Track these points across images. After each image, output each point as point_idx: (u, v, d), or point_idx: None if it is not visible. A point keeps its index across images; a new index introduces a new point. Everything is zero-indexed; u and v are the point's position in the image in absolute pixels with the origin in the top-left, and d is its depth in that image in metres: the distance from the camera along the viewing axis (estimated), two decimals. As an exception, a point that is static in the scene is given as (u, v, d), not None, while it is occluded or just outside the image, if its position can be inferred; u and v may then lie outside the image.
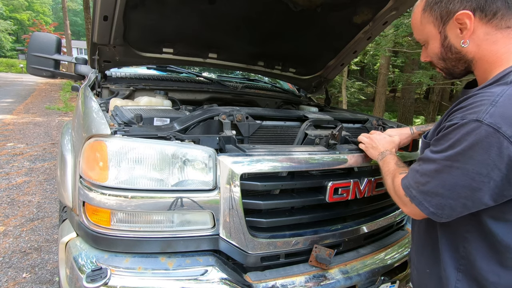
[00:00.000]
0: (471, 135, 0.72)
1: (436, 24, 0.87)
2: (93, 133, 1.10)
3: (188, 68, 2.64)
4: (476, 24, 0.81)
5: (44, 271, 2.18)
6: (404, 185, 0.88)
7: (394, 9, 1.89)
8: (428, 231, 0.97)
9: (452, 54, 0.87)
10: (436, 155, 0.80)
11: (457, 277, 0.86)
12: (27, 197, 3.34)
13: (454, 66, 0.91)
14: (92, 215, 1.08)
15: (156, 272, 1.07)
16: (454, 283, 0.86)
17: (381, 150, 1.22)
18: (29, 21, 39.87)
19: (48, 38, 1.97)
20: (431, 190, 0.80)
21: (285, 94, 2.83)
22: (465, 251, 0.84)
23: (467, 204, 0.76)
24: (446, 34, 0.86)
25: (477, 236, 0.82)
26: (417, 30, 0.93)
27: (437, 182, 0.79)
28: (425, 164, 0.83)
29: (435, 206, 0.80)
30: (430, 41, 0.91)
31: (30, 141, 5.62)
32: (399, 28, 5.83)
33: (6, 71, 27.27)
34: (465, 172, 0.73)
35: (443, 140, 0.79)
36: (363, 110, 12.64)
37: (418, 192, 0.83)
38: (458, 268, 0.86)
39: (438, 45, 0.89)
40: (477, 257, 0.82)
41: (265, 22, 1.98)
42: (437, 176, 0.79)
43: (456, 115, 0.78)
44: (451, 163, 0.75)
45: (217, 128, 1.33)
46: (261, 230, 1.20)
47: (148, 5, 1.67)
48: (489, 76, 0.83)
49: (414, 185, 0.85)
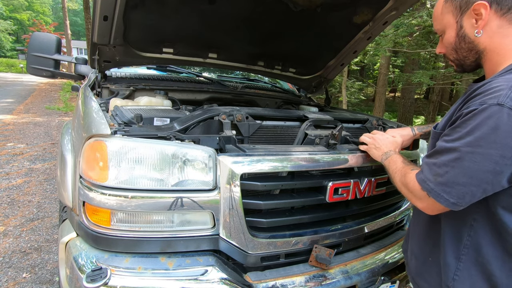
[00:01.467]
0: (492, 119, 0.73)
1: (454, 14, 0.90)
2: (93, 133, 1.10)
3: (188, 68, 2.64)
4: (491, 16, 0.84)
5: (44, 271, 2.18)
6: (420, 179, 0.87)
7: (394, 9, 1.89)
8: (432, 221, 0.98)
9: (465, 44, 0.90)
10: (455, 143, 0.79)
11: (457, 266, 0.88)
12: (27, 197, 3.34)
13: (465, 57, 0.93)
14: (92, 215, 1.08)
15: (156, 272, 1.07)
16: (454, 271, 0.89)
17: (384, 150, 1.22)
18: (29, 21, 39.88)
19: (48, 38, 1.97)
20: (451, 180, 0.79)
21: (285, 94, 2.83)
22: (470, 239, 0.86)
23: (487, 189, 0.77)
24: (462, 24, 0.89)
25: (483, 224, 0.83)
26: (437, 20, 0.96)
27: (458, 171, 0.78)
28: (442, 155, 0.82)
29: (456, 196, 0.79)
30: (447, 30, 0.94)
31: (30, 141, 5.62)
32: (399, 28, 5.83)
33: (6, 71, 27.27)
34: (489, 157, 0.73)
35: (461, 127, 0.79)
36: (363, 110, 12.65)
37: (436, 185, 0.82)
38: (459, 258, 0.88)
39: (453, 34, 0.92)
40: (483, 244, 0.83)
41: (265, 22, 1.98)
42: (457, 164, 0.78)
43: (474, 102, 0.79)
44: (473, 149, 0.75)
45: (217, 128, 1.33)
46: (261, 230, 1.20)
47: (148, 5, 1.67)
48: (498, 68, 0.86)
49: (431, 178, 0.84)
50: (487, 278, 0.85)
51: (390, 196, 1.57)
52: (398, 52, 7.93)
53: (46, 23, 36.09)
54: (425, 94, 18.93)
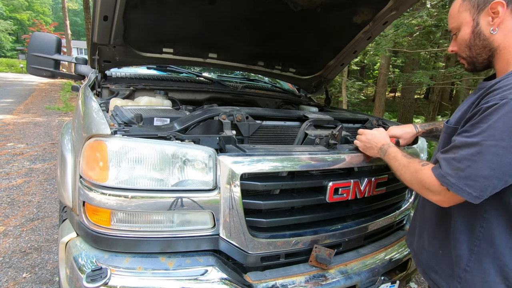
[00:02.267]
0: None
1: (471, 12, 0.93)
2: (93, 133, 1.10)
3: (188, 68, 2.64)
4: (507, 14, 0.88)
5: (44, 271, 2.18)
6: (439, 175, 0.88)
7: (394, 9, 1.89)
8: (443, 214, 1.00)
9: (480, 41, 0.93)
10: (476, 137, 0.80)
11: (470, 257, 0.90)
12: (27, 197, 3.34)
13: (478, 54, 0.95)
14: (92, 215, 1.08)
15: (156, 272, 1.07)
16: (466, 262, 0.91)
17: (378, 146, 1.23)
18: (29, 21, 39.87)
19: (48, 38, 1.96)
20: (473, 174, 0.80)
21: (285, 94, 2.83)
22: (483, 231, 0.88)
23: (509, 181, 0.79)
24: (479, 21, 0.92)
25: (497, 215, 0.85)
26: (453, 18, 0.99)
27: (481, 165, 0.79)
28: (462, 150, 0.84)
29: (478, 189, 0.80)
30: (462, 27, 0.96)
31: (30, 141, 5.62)
32: (399, 28, 5.82)
33: (6, 71, 27.27)
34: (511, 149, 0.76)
35: (482, 122, 0.80)
36: (363, 110, 12.64)
37: (457, 179, 0.83)
38: (472, 249, 0.90)
39: (469, 31, 0.95)
40: (497, 235, 0.86)
41: (265, 22, 1.98)
42: (479, 158, 0.79)
43: (493, 97, 0.81)
44: (496, 142, 0.77)
45: (217, 128, 1.34)
46: (261, 230, 1.20)
47: (148, 5, 1.67)
48: (510, 66, 0.88)
49: (452, 173, 0.84)
50: (500, 270, 0.86)
51: (390, 196, 1.57)
52: (398, 52, 7.92)
53: (46, 23, 36.07)
54: (425, 94, 18.92)
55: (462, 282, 0.93)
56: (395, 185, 1.54)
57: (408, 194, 1.69)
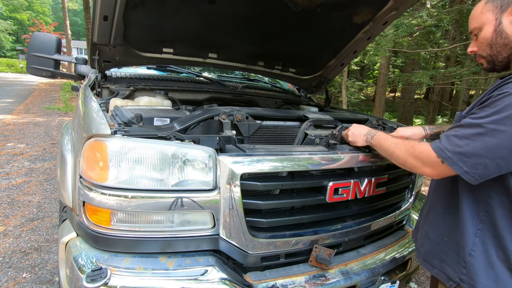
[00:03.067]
0: None
1: (494, 12, 0.98)
2: (93, 133, 1.10)
3: (188, 68, 2.64)
4: None
5: (44, 271, 2.18)
6: (437, 148, 0.94)
7: (394, 9, 1.89)
8: (450, 202, 1.05)
9: (502, 39, 0.98)
10: (481, 120, 0.87)
11: (474, 241, 0.96)
12: (27, 197, 3.34)
13: (498, 52, 1.00)
14: (92, 215, 1.08)
15: (156, 272, 1.07)
16: (471, 246, 0.96)
17: (363, 133, 1.30)
18: (29, 21, 39.86)
19: (48, 38, 1.96)
20: (469, 151, 0.87)
21: (285, 94, 2.83)
22: (486, 215, 0.94)
23: (501, 164, 0.84)
24: (501, 20, 0.97)
25: (499, 201, 0.92)
26: (476, 18, 1.04)
27: (477, 144, 0.86)
28: (464, 129, 0.91)
29: (470, 166, 0.87)
30: (484, 27, 1.01)
31: (30, 141, 5.62)
32: (399, 28, 5.82)
33: (6, 71, 27.26)
34: (510, 135, 0.81)
35: (490, 107, 0.87)
36: (363, 110, 12.64)
37: (453, 154, 0.90)
38: (476, 232, 0.96)
39: (491, 30, 0.99)
40: (498, 219, 0.92)
41: (265, 22, 1.98)
42: (478, 138, 0.86)
43: (508, 86, 0.86)
44: (497, 126, 0.83)
45: (217, 128, 1.34)
46: (261, 230, 1.20)
47: (148, 5, 1.67)
48: None
49: (450, 148, 0.91)
50: (502, 252, 0.92)
51: (390, 196, 1.57)
52: (398, 52, 7.92)
53: (46, 23, 36.06)
54: (425, 94, 18.92)
55: (466, 267, 0.97)
56: (395, 185, 1.55)
57: (408, 194, 1.69)
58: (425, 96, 18.97)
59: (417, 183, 1.72)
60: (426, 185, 4.60)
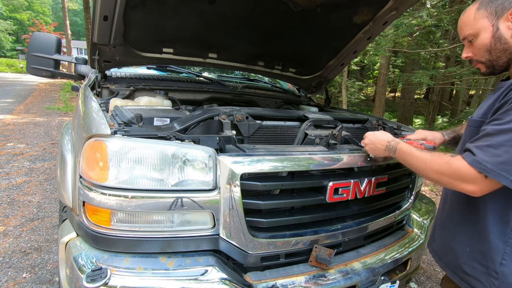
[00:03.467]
0: None
1: (490, 18, 0.98)
2: (93, 133, 1.10)
3: (188, 68, 2.64)
4: None
5: (44, 271, 2.18)
6: (474, 162, 0.88)
7: (394, 9, 1.89)
8: (470, 209, 1.00)
9: (501, 45, 0.97)
10: (510, 124, 0.84)
11: (505, 250, 0.91)
12: (27, 197, 3.33)
13: (498, 57, 0.99)
14: (92, 215, 1.08)
15: (156, 272, 1.07)
16: (502, 255, 0.91)
17: (384, 144, 1.21)
18: (29, 21, 39.86)
19: (48, 38, 1.97)
20: (510, 158, 0.83)
21: (285, 94, 2.83)
22: None
23: None
24: (498, 26, 0.97)
25: None
26: (469, 25, 1.03)
27: None
28: (497, 137, 0.86)
29: None
30: (481, 33, 1.00)
31: (30, 141, 5.61)
32: (399, 28, 5.82)
33: (6, 71, 27.26)
34: None
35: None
36: (363, 110, 12.63)
37: (494, 165, 0.85)
38: (506, 241, 0.90)
39: (489, 36, 0.99)
40: None
41: (265, 22, 1.98)
42: None
43: None
44: None
45: (217, 128, 1.34)
46: (261, 230, 1.20)
47: (148, 5, 1.67)
48: None
49: (488, 159, 0.86)
50: None
51: (390, 196, 1.57)
52: (398, 52, 7.92)
53: (46, 23, 36.04)
54: (425, 94, 18.92)
55: (499, 278, 0.92)
56: (395, 185, 1.55)
57: (408, 194, 1.69)
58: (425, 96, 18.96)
59: (417, 183, 1.72)
60: (426, 185, 4.59)
